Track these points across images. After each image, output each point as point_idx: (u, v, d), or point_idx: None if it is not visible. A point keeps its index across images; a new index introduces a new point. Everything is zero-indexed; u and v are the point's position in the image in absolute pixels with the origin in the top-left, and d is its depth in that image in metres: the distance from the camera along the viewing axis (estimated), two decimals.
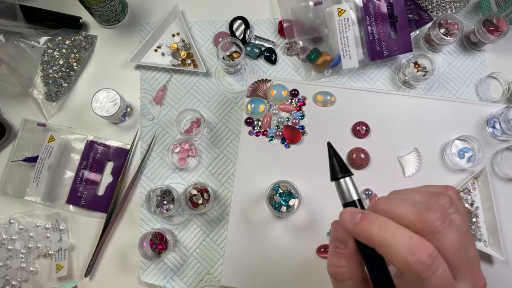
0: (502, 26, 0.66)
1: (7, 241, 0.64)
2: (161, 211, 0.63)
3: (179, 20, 0.71)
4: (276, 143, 0.62)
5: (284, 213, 0.56)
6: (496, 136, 0.62)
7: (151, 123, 0.69)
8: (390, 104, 0.63)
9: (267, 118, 0.63)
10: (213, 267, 0.63)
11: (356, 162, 0.60)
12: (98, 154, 0.67)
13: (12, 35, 0.69)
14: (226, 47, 0.70)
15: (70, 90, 0.71)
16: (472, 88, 0.70)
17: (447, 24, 0.68)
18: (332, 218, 0.59)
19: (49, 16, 0.71)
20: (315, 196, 0.60)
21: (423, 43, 0.71)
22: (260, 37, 0.72)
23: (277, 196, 0.57)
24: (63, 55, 0.70)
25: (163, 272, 0.63)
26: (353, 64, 0.67)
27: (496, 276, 0.58)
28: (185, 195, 0.62)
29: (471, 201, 0.60)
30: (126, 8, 0.72)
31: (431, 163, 0.61)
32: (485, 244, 0.58)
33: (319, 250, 0.58)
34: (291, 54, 0.71)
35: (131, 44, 0.72)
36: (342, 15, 0.65)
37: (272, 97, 0.63)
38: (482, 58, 0.71)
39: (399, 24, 0.67)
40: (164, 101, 0.70)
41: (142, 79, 0.70)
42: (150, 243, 0.62)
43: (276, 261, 0.58)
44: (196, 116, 0.67)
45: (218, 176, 0.66)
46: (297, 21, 0.69)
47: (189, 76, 0.71)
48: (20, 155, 0.67)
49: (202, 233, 0.64)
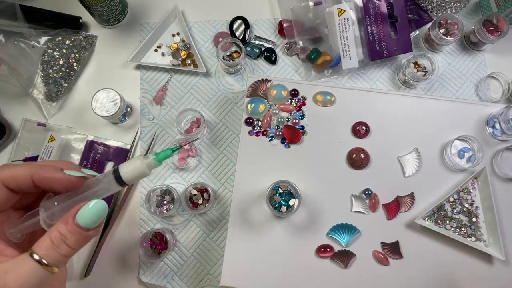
0: (502, 26, 0.66)
1: None
2: (161, 211, 0.63)
3: (179, 20, 0.71)
4: (276, 143, 0.62)
5: (284, 213, 0.56)
6: (496, 136, 0.62)
7: (151, 123, 0.69)
8: (390, 104, 0.63)
9: (267, 118, 0.63)
10: (213, 267, 0.63)
11: (356, 162, 0.60)
12: (98, 154, 0.67)
13: (12, 35, 0.69)
14: (226, 47, 0.70)
15: (70, 90, 0.71)
16: (472, 88, 0.70)
17: (447, 24, 0.68)
18: (332, 218, 0.59)
19: (49, 16, 0.71)
20: (315, 196, 0.60)
21: (423, 43, 0.71)
22: (260, 37, 0.72)
23: (277, 196, 0.57)
24: (63, 55, 0.70)
25: (163, 272, 0.63)
26: (353, 64, 0.67)
27: (496, 276, 0.58)
28: (185, 195, 0.62)
29: (471, 201, 0.60)
30: (126, 8, 0.72)
31: (431, 163, 0.61)
32: (485, 244, 0.58)
33: (319, 250, 0.58)
34: (291, 54, 0.71)
35: (131, 44, 0.72)
36: (342, 15, 0.65)
37: (272, 97, 0.63)
38: (482, 58, 0.71)
39: (399, 24, 0.67)
40: (164, 101, 0.70)
41: (142, 79, 0.70)
42: (150, 243, 0.62)
43: (276, 261, 0.58)
44: (196, 116, 0.67)
45: (218, 176, 0.67)
46: (297, 21, 0.69)
47: (189, 76, 0.71)
48: (20, 155, 0.67)
49: (202, 233, 0.65)
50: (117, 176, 0.36)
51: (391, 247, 0.58)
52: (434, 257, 0.58)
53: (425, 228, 0.58)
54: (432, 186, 0.60)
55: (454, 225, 0.59)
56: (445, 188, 0.60)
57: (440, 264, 0.58)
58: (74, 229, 0.32)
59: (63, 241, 0.32)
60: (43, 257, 0.31)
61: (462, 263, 0.58)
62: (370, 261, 0.58)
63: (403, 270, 0.58)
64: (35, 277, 0.30)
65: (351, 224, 0.59)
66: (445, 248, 0.58)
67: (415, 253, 0.58)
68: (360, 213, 0.59)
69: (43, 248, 0.31)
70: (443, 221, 0.59)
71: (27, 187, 0.34)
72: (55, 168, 0.35)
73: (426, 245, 0.58)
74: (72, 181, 0.34)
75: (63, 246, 0.32)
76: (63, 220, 0.32)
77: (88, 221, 0.32)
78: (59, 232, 0.32)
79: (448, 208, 0.60)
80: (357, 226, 0.59)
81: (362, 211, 0.59)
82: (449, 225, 0.59)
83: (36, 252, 0.31)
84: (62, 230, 0.32)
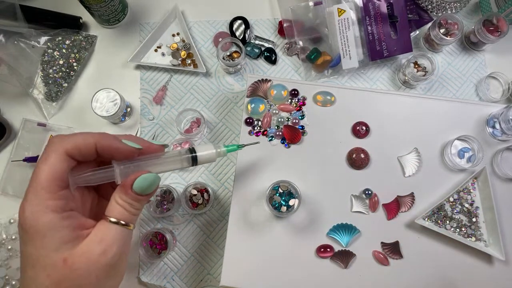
0: (502, 26, 0.66)
1: (7, 241, 0.64)
2: (161, 211, 0.63)
3: (179, 20, 0.71)
4: (276, 143, 0.62)
5: (284, 213, 0.56)
6: (496, 136, 0.62)
7: (151, 123, 0.69)
8: (390, 104, 0.63)
9: (267, 118, 0.63)
10: (213, 267, 0.63)
11: (356, 162, 0.60)
12: None
13: (12, 35, 0.69)
14: (226, 47, 0.70)
15: (70, 90, 0.71)
16: (472, 88, 0.70)
17: (447, 24, 0.68)
18: (332, 218, 0.59)
19: (49, 16, 0.71)
20: (315, 196, 0.60)
21: (423, 43, 0.71)
22: (260, 37, 0.72)
23: (277, 196, 0.57)
24: (63, 55, 0.70)
25: (163, 272, 0.63)
26: (353, 64, 0.67)
27: (496, 276, 0.58)
28: (185, 195, 0.62)
29: (471, 201, 0.60)
30: (126, 8, 0.72)
31: (431, 163, 0.61)
32: (485, 244, 0.58)
33: (319, 250, 0.58)
34: (291, 54, 0.71)
35: (131, 44, 0.72)
36: (342, 15, 0.65)
37: (272, 97, 0.63)
38: (482, 58, 0.71)
39: (399, 24, 0.67)
40: (164, 101, 0.70)
41: (142, 79, 0.70)
42: (150, 243, 0.62)
43: (276, 261, 0.58)
44: (196, 116, 0.67)
45: (218, 176, 0.66)
46: (297, 21, 0.69)
47: (189, 76, 0.71)
48: (20, 155, 0.67)
49: (202, 233, 0.64)
50: (193, 156, 0.42)
51: (391, 247, 0.58)
52: (434, 257, 0.58)
53: (425, 228, 0.58)
54: (432, 186, 0.60)
55: (454, 225, 0.59)
56: (445, 188, 0.60)
57: (440, 264, 0.58)
58: (133, 196, 0.36)
59: (131, 206, 0.37)
60: (120, 219, 0.36)
61: (462, 263, 0.58)
62: (370, 261, 0.58)
63: (403, 270, 0.58)
64: (121, 236, 0.36)
65: (351, 224, 0.59)
66: (445, 248, 0.58)
67: (415, 253, 0.58)
68: (360, 213, 0.59)
69: (116, 212, 0.36)
70: (443, 221, 0.59)
71: (90, 156, 0.36)
72: (115, 137, 0.37)
73: (426, 245, 0.58)
74: (131, 151, 0.38)
75: (129, 209, 0.37)
76: (123, 189, 0.36)
77: (143, 189, 0.37)
78: (122, 199, 0.36)
79: (448, 208, 0.60)
80: (357, 226, 0.59)
81: (362, 211, 0.59)
82: (449, 225, 0.59)
83: (112, 216, 0.36)
84: (123, 197, 0.36)
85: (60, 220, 0.33)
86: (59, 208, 0.33)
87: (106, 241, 0.35)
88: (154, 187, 0.38)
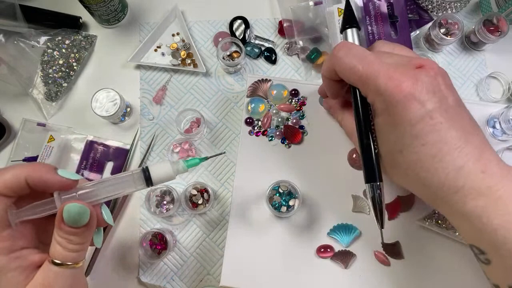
0: (502, 26, 0.66)
1: None
2: (161, 211, 0.63)
3: (179, 20, 0.71)
4: (276, 143, 0.62)
5: (284, 213, 0.56)
6: (496, 136, 0.62)
7: (151, 123, 0.69)
8: None
9: (267, 118, 0.63)
10: (213, 267, 0.63)
11: (356, 162, 0.60)
12: (98, 154, 0.67)
13: (12, 35, 0.69)
14: (226, 47, 0.70)
15: (70, 90, 0.71)
16: (472, 88, 0.70)
17: (447, 24, 0.68)
18: (332, 218, 0.59)
19: (49, 16, 0.71)
20: (315, 196, 0.60)
21: (423, 43, 0.71)
22: (260, 37, 0.72)
23: (277, 196, 0.57)
24: (63, 55, 0.70)
25: (163, 272, 0.63)
26: None
27: None
28: (185, 195, 0.62)
29: None
30: (126, 8, 0.72)
31: None
32: None
33: (319, 250, 0.58)
34: (291, 54, 0.71)
35: (131, 44, 0.72)
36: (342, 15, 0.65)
37: (272, 97, 0.63)
38: (482, 58, 0.71)
39: (399, 24, 0.67)
40: (164, 101, 0.70)
41: (142, 79, 0.70)
42: (150, 243, 0.61)
43: (276, 261, 0.58)
44: (196, 116, 0.67)
45: (218, 176, 0.66)
46: (297, 21, 0.69)
47: (189, 76, 0.70)
48: (20, 155, 0.67)
49: (202, 233, 0.64)
50: (147, 176, 0.37)
51: (391, 247, 0.58)
52: (435, 257, 0.58)
53: (425, 229, 0.58)
54: None
55: None
56: None
57: (440, 264, 0.58)
58: (68, 230, 0.33)
59: (69, 242, 0.33)
60: (63, 260, 0.33)
61: (463, 263, 0.58)
62: (370, 261, 0.58)
63: (404, 271, 0.58)
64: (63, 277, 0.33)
65: (352, 224, 0.59)
66: (446, 248, 0.58)
67: (415, 253, 0.58)
68: (360, 213, 0.59)
69: (57, 253, 0.33)
70: (444, 221, 0.59)
71: (23, 190, 0.34)
72: (49, 169, 0.35)
73: (427, 245, 0.58)
74: (66, 183, 0.35)
75: (67, 245, 0.34)
76: (57, 224, 0.34)
77: (75, 220, 0.33)
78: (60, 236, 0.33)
79: None
80: (357, 226, 0.59)
81: (363, 211, 0.59)
82: (449, 225, 0.59)
83: (54, 257, 0.33)
84: (59, 233, 0.33)
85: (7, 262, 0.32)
86: (6, 250, 0.32)
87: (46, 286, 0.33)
88: (86, 216, 0.34)
